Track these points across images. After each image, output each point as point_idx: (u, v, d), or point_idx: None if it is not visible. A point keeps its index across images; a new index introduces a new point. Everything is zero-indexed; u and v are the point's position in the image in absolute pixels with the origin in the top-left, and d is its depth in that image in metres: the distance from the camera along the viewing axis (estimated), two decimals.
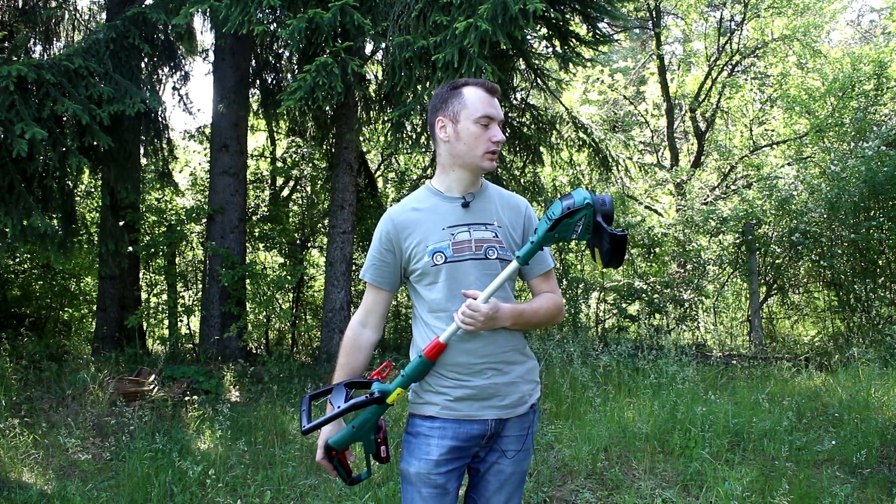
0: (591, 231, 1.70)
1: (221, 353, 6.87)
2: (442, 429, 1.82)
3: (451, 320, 1.80)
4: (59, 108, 5.02)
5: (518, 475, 1.91)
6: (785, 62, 12.21)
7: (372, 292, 1.93)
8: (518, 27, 4.73)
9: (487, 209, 1.88)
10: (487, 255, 1.83)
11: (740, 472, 3.60)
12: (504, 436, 1.88)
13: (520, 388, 1.87)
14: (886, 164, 7.10)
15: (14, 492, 3.51)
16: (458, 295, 1.80)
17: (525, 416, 1.90)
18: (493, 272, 1.82)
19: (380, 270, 1.90)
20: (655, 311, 7.92)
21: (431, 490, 1.81)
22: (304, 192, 9.71)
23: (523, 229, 1.92)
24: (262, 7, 5.06)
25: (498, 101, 1.87)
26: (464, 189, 1.88)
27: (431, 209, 1.88)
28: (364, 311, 1.95)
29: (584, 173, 9.10)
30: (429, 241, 1.83)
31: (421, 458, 1.82)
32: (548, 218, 1.70)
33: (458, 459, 1.84)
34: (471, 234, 1.83)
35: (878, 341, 6.56)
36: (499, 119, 1.83)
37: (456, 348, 1.80)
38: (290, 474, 3.79)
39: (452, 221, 1.85)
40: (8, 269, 8.58)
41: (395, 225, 1.87)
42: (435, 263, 1.81)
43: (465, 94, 1.83)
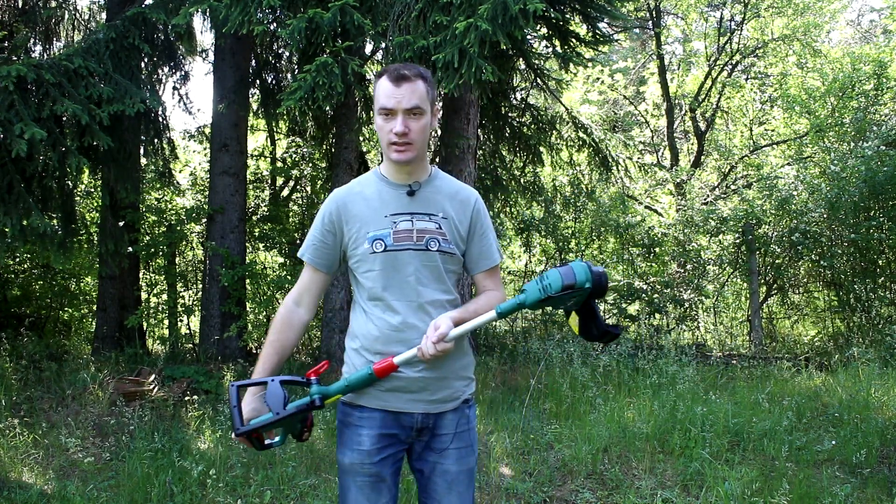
0: (580, 306, 1.68)
1: (221, 353, 6.87)
2: (371, 418, 1.81)
3: (389, 309, 1.78)
4: (58, 108, 5.01)
5: (465, 473, 1.88)
6: (785, 62, 12.21)
7: (308, 272, 1.91)
8: (518, 27, 4.72)
9: (434, 199, 1.84)
10: (428, 246, 1.80)
11: (740, 472, 3.60)
12: (440, 434, 1.85)
13: (451, 383, 1.84)
14: (886, 164, 7.10)
15: (14, 492, 3.51)
16: (395, 284, 1.78)
17: (458, 412, 1.87)
18: (432, 264, 1.79)
19: (318, 251, 1.88)
20: (655, 311, 7.92)
21: (366, 479, 1.81)
22: (304, 192, 9.71)
23: (470, 223, 1.87)
24: (262, 7, 5.06)
25: (417, 86, 1.73)
26: (405, 177, 1.83)
27: (376, 195, 1.84)
28: (298, 290, 1.92)
29: (584, 173, 9.10)
30: (370, 228, 1.80)
31: (353, 448, 1.82)
32: (543, 288, 1.65)
33: (391, 447, 1.83)
34: (413, 224, 1.80)
35: (878, 341, 6.56)
36: (402, 108, 1.72)
37: (390, 338, 1.78)
38: (290, 474, 3.79)
39: (395, 209, 1.81)
40: (8, 269, 8.57)
41: (339, 207, 1.85)
42: (374, 251, 1.79)
43: (377, 85, 1.78)
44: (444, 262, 1.82)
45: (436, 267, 1.81)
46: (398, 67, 1.76)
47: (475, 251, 1.89)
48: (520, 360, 6.66)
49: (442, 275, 1.83)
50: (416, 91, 1.73)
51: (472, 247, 1.89)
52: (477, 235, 1.89)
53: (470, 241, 1.89)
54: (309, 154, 9.15)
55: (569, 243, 8.72)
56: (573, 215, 9.02)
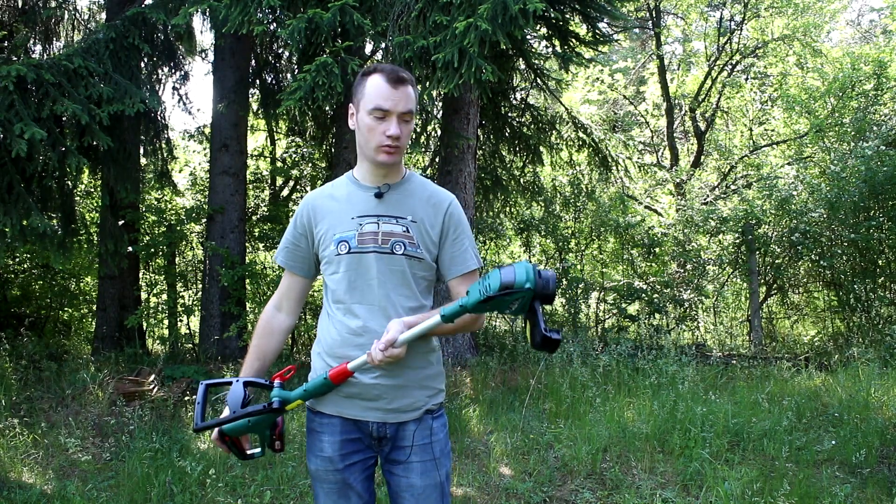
0: (526, 310, 1.55)
1: (221, 352, 6.87)
2: (330, 424, 1.81)
3: (349, 313, 1.76)
4: (58, 108, 5.01)
5: (432, 488, 1.80)
6: (785, 62, 12.21)
7: (286, 276, 1.91)
8: (518, 27, 4.72)
9: (403, 202, 1.80)
10: (394, 249, 1.75)
11: (740, 472, 3.60)
12: (400, 446, 1.80)
13: (411, 392, 1.78)
14: (886, 164, 7.10)
15: (14, 492, 3.51)
16: (357, 287, 1.76)
17: (421, 423, 1.80)
18: (397, 268, 1.76)
19: (292, 254, 1.87)
20: (655, 311, 7.92)
21: (332, 486, 1.80)
22: (304, 192, 9.71)
23: (442, 228, 1.82)
24: (261, 7, 5.06)
25: (409, 90, 1.72)
26: (378, 179, 1.81)
27: (346, 197, 1.82)
28: (278, 295, 1.92)
29: (584, 173, 9.10)
30: (336, 230, 1.78)
31: (317, 454, 1.82)
32: (483, 289, 1.54)
33: (355, 453, 1.81)
34: (379, 227, 1.77)
35: (878, 341, 6.55)
36: (398, 111, 1.70)
37: (348, 342, 1.76)
38: (290, 474, 3.79)
39: (362, 211, 1.78)
40: (8, 269, 8.57)
41: (309, 210, 1.84)
42: (338, 252, 1.77)
43: (367, 83, 1.73)
44: (412, 266, 1.77)
45: (402, 272, 1.76)
46: (394, 69, 1.73)
47: (447, 256, 1.83)
48: (520, 360, 6.66)
49: (408, 280, 1.78)
50: (409, 96, 1.73)
51: (444, 251, 1.83)
52: (449, 240, 1.83)
53: (442, 245, 1.83)
54: (309, 154, 9.16)
55: (569, 243, 8.72)
56: (573, 215, 9.02)
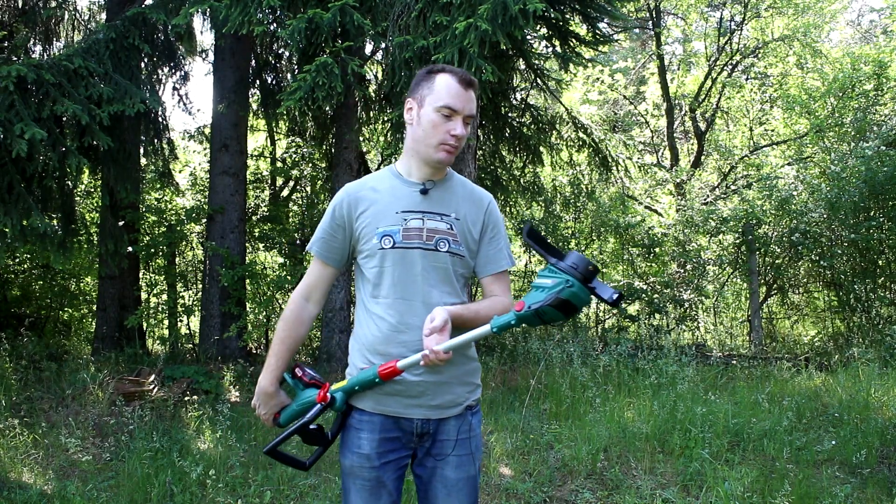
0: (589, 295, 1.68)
1: (221, 353, 6.87)
2: (370, 422, 1.79)
3: (393, 308, 1.76)
4: (58, 109, 5.01)
5: (465, 481, 1.83)
6: (785, 62, 12.21)
7: (318, 266, 1.88)
8: (518, 27, 4.72)
9: (447, 200, 1.82)
10: (438, 246, 1.77)
11: (740, 472, 3.60)
12: (441, 439, 1.81)
13: (453, 388, 1.80)
14: (886, 164, 7.10)
15: (14, 492, 3.51)
16: (401, 282, 1.76)
17: (461, 419, 1.83)
18: (441, 265, 1.77)
19: (328, 245, 1.85)
20: (655, 311, 7.92)
21: (365, 483, 1.79)
22: (304, 192, 9.71)
23: (482, 225, 1.86)
24: (262, 7, 5.06)
25: (474, 95, 1.77)
26: (424, 175, 1.82)
27: (389, 191, 1.82)
28: (307, 285, 1.89)
29: (584, 173, 9.10)
30: (379, 224, 1.77)
31: (354, 451, 1.80)
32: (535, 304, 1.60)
33: (392, 451, 1.80)
34: (423, 223, 1.77)
35: (878, 341, 6.55)
36: (465, 113, 1.75)
37: (390, 338, 1.76)
38: (290, 474, 3.79)
39: (407, 207, 1.79)
40: (8, 269, 8.57)
41: (350, 202, 1.82)
42: (382, 247, 1.76)
43: (436, 81, 1.76)
44: (454, 263, 1.80)
45: (444, 268, 1.78)
46: (463, 72, 1.77)
47: (484, 254, 1.87)
48: (520, 360, 6.66)
49: (450, 277, 1.80)
50: (474, 99, 1.78)
51: (482, 250, 1.86)
52: (487, 238, 1.87)
53: (480, 243, 1.86)
54: (309, 154, 9.15)
55: (569, 243, 8.71)
56: (573, 215, 9.02)
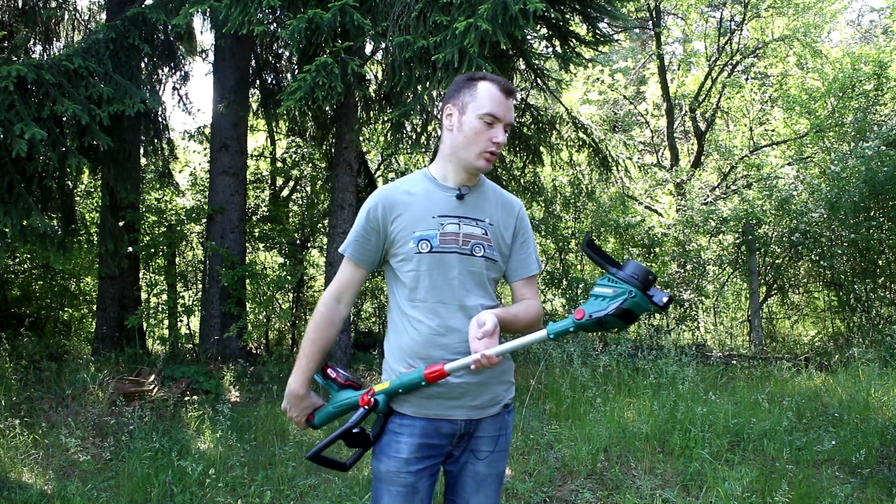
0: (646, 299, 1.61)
1: (221, 353, 6.87)
2: (411, 426, 1.78)
3: (432, 312, 1.76)
4: (58, 109, 5.01)
5: (494, 476, 1.87)
6: (785, 62, 12.21)
7: (350, 268, 1.87)
8: (518, 27, 4.72)
9: (481, 205, 1.85)
10: (473, 251, 1.79)
11: (740, 472, 3.60)
12: (478, 436, 1.84)
13: (492, 388, 1.83)
14: (886, 164, 7.10)
15: (14, 492, 3.51)
16: (438, 286, 1.77)
17: (498, 417, 1.86)
18: (476, 269, 1.80)
19: (362, 247, 1.84)
20: (655, 312, 7.91)
21: (400, 489, 1.77)
22: (304, 192, 9.71)
23: (514, 231, 1.89)
24: (262, 7, 5.06)
25: (513, 104, 1.81)
26: (460, 181, 1.84)
27: (424, 195, 1.82)
28: (339, 286, 1.88)
29: (584, 173, 9.10)
30: (416, 228, 1.78)
31: (391, 455, 1.78)
32: (597, 311, 1.60)
33: (429, 458, 1.80)
34: (460, 228, 1.79)
35: (878, 341, 6.55)
36: (506, 121, 1.77)
37: (430, 342, 1.76)
38: (290, 474, 3.79)
39: (444, 211, 1.80)
40: (8, 269, 8.57)
41: (385, 205, 1.81)
42: (419, 251, 1.77)
43: (478, 88, 1.78)
44: (488, 268, 1.82)
45: (480, 273, 1.80)
46: (505, 81, 1.80)
47: (516, 259, 1.90)
48: (520, 360, 6.66)
49: (484, 281, 1.82)
50: (513, 108, 1.83)
51: (514, 254, 1.90)
52: (518, 243, 1.90)
53: (512, 248, 1.89)
54: (309, 154, 9.15)
55: (569, 243, 8.71)
56: (573, 215, 9.02)
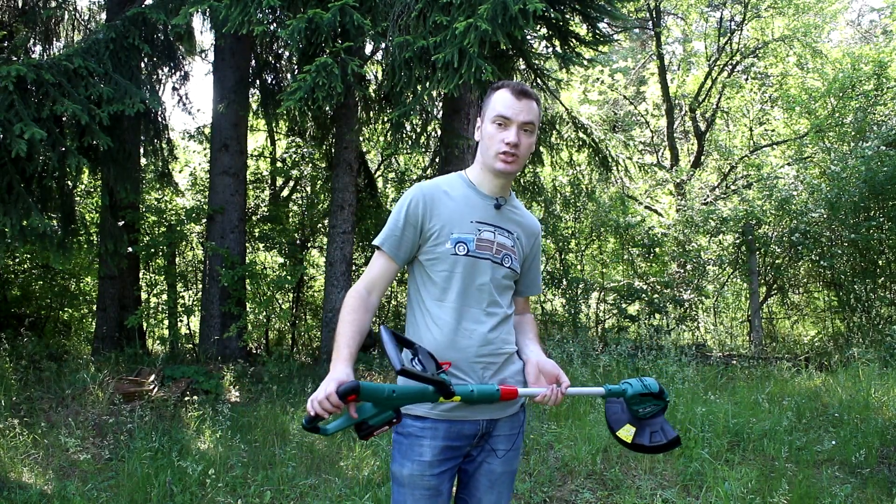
0: (648, 417, 1.83)
1: (221, 353, 6.87)
2: (434, 429, 1.78)
3: (458, 313, 1.80)
4: (58, 109, 5.01)
5: (508, 475, 1.91)
6: (785, 62, 12.21)
7: (382, 262, 1.84)
8: (518, 27, 4.72)
9: (513, 219, 1.92)
10: (503, 262, 1.86)
11: (740, 472, 3.60)
12: (495, 435, 1.87)
13: None
14: (886, 164, 7.10)
15: (14, 492, 3.51)
16: (469, 290, 1.81)
17: (515, 416, 1.90)
18: (500, 278, 1.86)
19: (398, 241, 1.83)
20: (655, 311, 7.92)
21: (424, 492, 1.77)
22: (304, 192, 9.71)
23: (531, 250, 1.98)
24: (261, 7, 5.06)
25: (531, 104, 1.83)
26: (494, 189, 1.88)
27: (463, 198, 1.86)
28: (370, 279, 1.83)
29: (584, 173, 9.10)
30: (454, 229, 1.81)
31: (414, 459, 1.78)
32: (645, 385, 1.82)
33: (451, 460, 1.82)
34: (495, 237, 1.86)
35: (878, 341, 6.56)
36: (519, 120, 1.80)
37: (451, 343, 1.79)
38: (290, 474, 3.79)
39: (482, 218, 1.85)
40: (8, 269, 8.57)
41: (425, 201, 1.83)
42: (455, 253, 1.80)
43: (494, 95, 1.85)
44: (511, 278, 1.90)
45: (504, 282, 1.88)
46: (520, 83, 1.85)
47: (528, 278, 2.01)
48: None
49: (504, 289, 1.89)
50: (532, 109, 1.83)
51: (527, 273, 2.00)
52: (534, 264, 2.02)
53: (527, 267, 1.99)
54: (309, 154, 9.15)
55: (569, 243, 8.72)
56: (573, 215, 9.02)
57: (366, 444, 4.21)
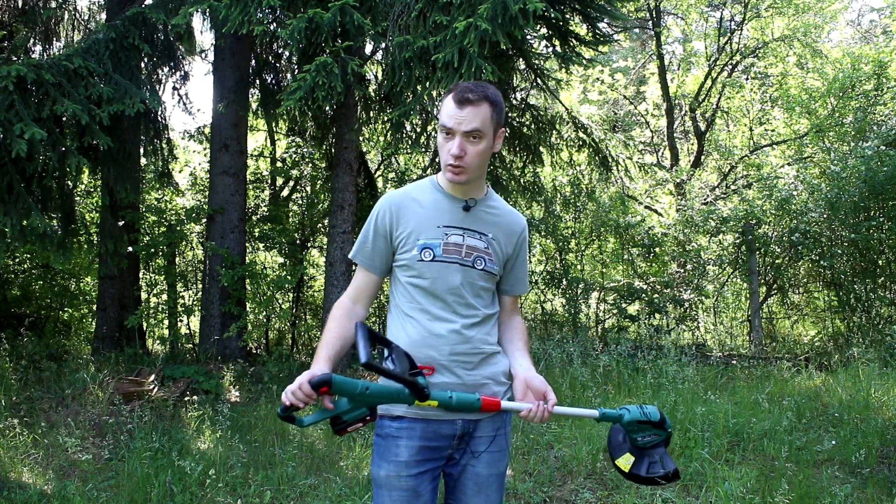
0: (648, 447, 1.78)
1: (221, 353, 6.86)
2: (410, 429, 1.77)
3: (427, 315, 1.79)
4: (58, 109, 5.01)
5: (495, 477, 1.87)
6: (785, 62, 12.22)
7: (362, 274, 1.89)
8: (518, 27, 4.72)
9: (486, 219, 1.87)
10: (475, 264, 1.82)
11: (740, 472, 3.60)
12: (478, 436, 1.85)
13: (490, 388, 1.84)
14: (886, 164, 7.10)
15: (14, 492, 3.51)
16: (438, 294, 1.79)
17: (496, 416, 1.86)
18: (475, 281, 1.83)
19: (370, 253, 1.87)
20: (655, 311, 7.92)
21: (402, 493, 1.76)
22: (304, 192, 9.71)
23: (514, 249, 1.92)
24: (261, 7, 5.06)
25: (474, 110, 1.71)
26: (463, 193, 1.85)
27: (432, 204, 1.84)
28: (355, 291, 1.89)
29: (584, 173, 9.10)
30: (421, 235, 1.80)
31: (390, 460, 1.77)
32: (644, 413, 1.77)
33: (430, 461, 1.79)
34: (464, 240, 1.82)
35: (878, 341, 6.56)
36: (460, 131, 1.71)
37: (423, 343, 1.78)
38: (290, 474, 3.79)
39: (449, 222, 1.82)
40: (8, 269, 8.57)
41: (392, 210, 1.84)
42: (422, 259, 1.79)
43: (442, 102, 1.79)
44: (486, 280, 1.86)
45: (479, 285, 1.84)
46: (465, 89, 1.73)
47: (512, 277, 1.95)
48: None
49: (480, 292, 1.86)
50: (478, 115, 1.72)
51: (511, 272, 1.94)
52: (518, 262, 1.95)
53: (510, 266, 1.93)
54: (309, 154, 9.15)
55: (569, 243, 8.71)
56: (573, 215, 9.02)
57: (366, 444, 4.21)
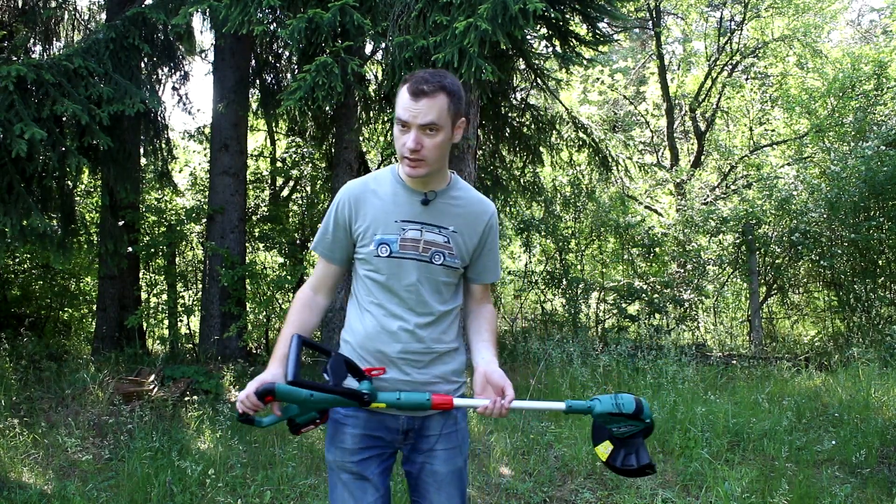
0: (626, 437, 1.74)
1: (221, 353, 6.86)
2: (355, 417, 1.81)
3: (384, 310, 1.79)
4: (58, 109, 5.01)
5: (453, 474, 1.87)
6: (785, 62, 12.22)
7: (323, 265, 1.90)
8: (518, 27, 4.72)
9: (448, 211, 1.82)
10: (433, 259, 1.79)
11: (740, 472, 3.60)
12: (426, 435, 1.85)
13: (439, 387, 1.83)
14: (886, 164, 7.10)
15: (14, 492, 3.51)
16: (395, 290, 1.79)
17: (447, 415, 1.85)
18: (434, 276, 1.81)
19: (330, 244, 1.87)
20: (655, 311, 7.92)
21: (349, 476, 1.82)
22: (304, 192, 9.71)
23: (480, 238, 1.86)
24: (261, 7, 5.06)
25: (430, 102, 1.66)
26: (423, 185, 1.79)
27: (391, 197, 1.81)
28: (315, 280, 1.91)
29: (584, 173, 9.10)
30: (378, 230, 1.78)
31: (337, 445, 1.83)
32: (616, 405, 1.72)
33: (373, 448, 1.82)
34: (421, 235, 1.79)
35: (878, 341, 6.56)
36: (417, 123, 1.66)
37: (378, 338, 1.79)
38: (290, 474, 3.79)
39: (407, 216, 1.79)
40: (8, 269, 8.57)
41: (350, 202, 1.82)
42: (378, 254, 1.78)
43: (398, 93, 1.72)
44: (447, 275, 1.83)
45: (438, 280, 1.81)
46: (420, 79, 1.68)
47: (480, 266, 1.91)
48: (520, 360, 6.66)
49: (440, 287, 1.83)
50: (434, 106, 1.66)
51: (478, 261, 1.90)
52: (485, 251, 1.90)
53: (477, 255, 1.89)
54: (309, 154, 9.15)
55: (569, 243, 8.71)
56: (573, 215, 9.02)
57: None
